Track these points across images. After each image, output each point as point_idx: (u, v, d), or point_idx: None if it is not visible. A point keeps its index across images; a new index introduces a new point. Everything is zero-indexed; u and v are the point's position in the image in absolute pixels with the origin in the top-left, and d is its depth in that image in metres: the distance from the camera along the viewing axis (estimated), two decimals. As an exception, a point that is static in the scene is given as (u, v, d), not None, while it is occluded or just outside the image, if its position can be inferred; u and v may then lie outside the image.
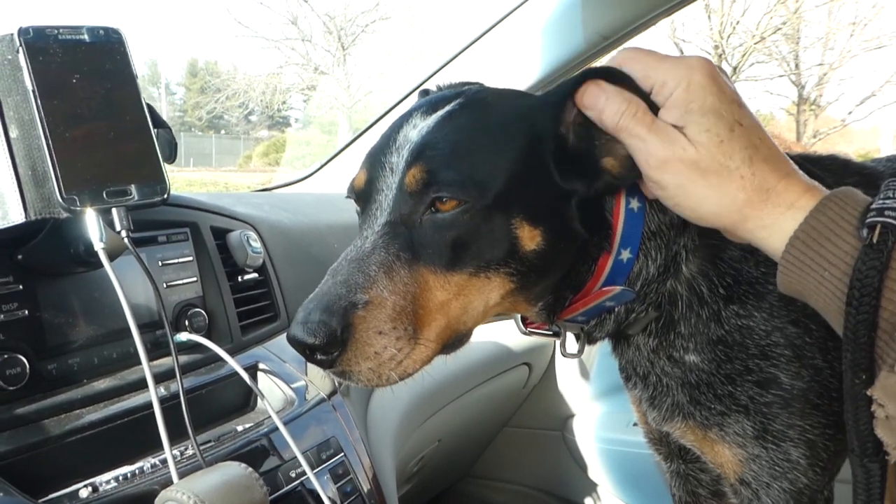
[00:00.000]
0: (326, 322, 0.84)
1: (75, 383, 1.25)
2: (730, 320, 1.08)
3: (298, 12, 27.48)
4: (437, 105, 1.00)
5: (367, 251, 0.90)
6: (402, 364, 0.89)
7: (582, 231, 0.98)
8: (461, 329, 0.96)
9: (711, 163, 0.86)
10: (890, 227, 0.78)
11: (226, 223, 1.64)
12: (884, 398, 0.77)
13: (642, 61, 0.92)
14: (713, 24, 23.28)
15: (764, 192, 0.86)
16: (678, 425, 1.17)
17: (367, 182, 0.99)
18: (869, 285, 0.77)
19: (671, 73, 0.89)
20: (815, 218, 0.83)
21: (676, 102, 0.88)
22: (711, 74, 0.88)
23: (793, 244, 0.84)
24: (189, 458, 1.23)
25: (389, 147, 0.97)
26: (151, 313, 1.39)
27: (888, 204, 0.79)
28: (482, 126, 0.96)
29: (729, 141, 0.86)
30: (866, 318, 0.78)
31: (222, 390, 1.46)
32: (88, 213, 1.06)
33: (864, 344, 0.79)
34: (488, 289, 0.94)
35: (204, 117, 30.56)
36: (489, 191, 0.91)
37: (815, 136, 23.49)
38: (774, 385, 1.07)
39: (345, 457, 1.47)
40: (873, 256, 0.77)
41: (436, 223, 0.91)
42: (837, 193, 0.84)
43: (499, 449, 3.07)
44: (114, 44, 1.15)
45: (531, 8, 2.38)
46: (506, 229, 0.92)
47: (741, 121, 0.88)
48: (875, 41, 22.99)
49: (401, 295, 0.88)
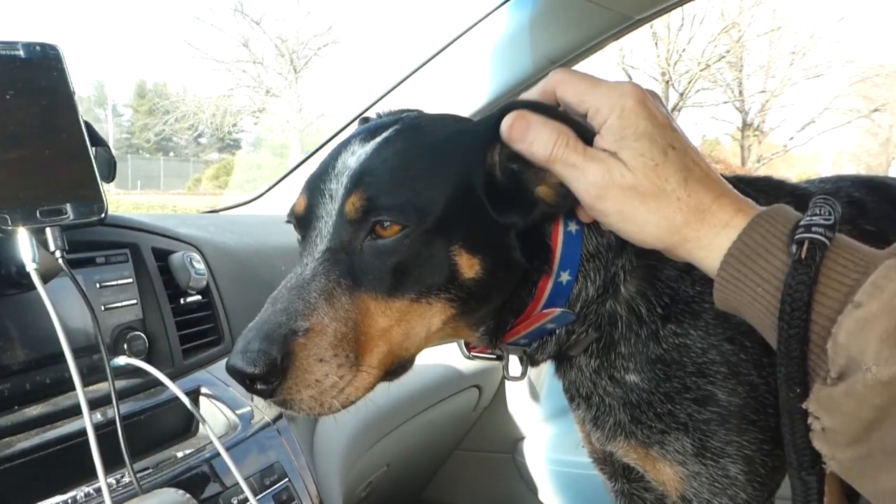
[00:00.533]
0: (266, 351, 0.83)
1: (6, 410, 1.20)
2: (667, 339, 1.10)
3: (250, 35, 27.45)
4: (376, 132, 1.00)
5: (308, 278, 0.90)
6: (345, 392, 0.88)
7: (522, 261, 0.99)
8: (403, 355, 0.96)
9: (649, 187, 0.87)
10: (818, 242, 0.79)
11: (168, 244, 1.61)
12: (819, 411, 0.78)
13: (575, 85, 0.93)
14: (660, 52, 23.93)
15: (700, 213, 0.87)
16: (621, 444, 1.18)
17: (306, 208, 0.98)
18: (799, 300, 0.79)
19: (605, 100, 0.90)
20: (748, 235, 0.84)
21: (611, 129, 0.89)
22: (643, 100, 0.90)
23: (727, 261, 0.85)
24: (125, 486, 1.19)
25: (328, 174, 0.97)
26: (88, 337, 1.34)
27: (815, 221, 0.81)
28: (418, 152, 0.96)
29: (663, 164, 0.87)
30: (798, 333, 0.79)
31: (162, 416, 1.41)
32: (21, 232, 1.03)
33: (797, 358, 0.80)
34: (430, 314, 0.94)
35: (152, 139, 30.16)
36: (429, 216, 0.91)
37: (759, 161, 24.19)
38: (712, 402, 1.08)
39: (289, 482, 1.44)
40: (802, 272, 0.79)
41: (376, 249, 0.91)
42: (769, 211, 0.86)
43: (449, 473, 3.04)
44: (51, 60, 1.13)
45: (480, 32, 2.41)
46: (445, 256, 0.92)
47: (674, 144, 0.89)
48: (814, 70, 23.88)
49: (342, 321, 0.88)
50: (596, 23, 2.27)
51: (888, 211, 1.28)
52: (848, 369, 0.75)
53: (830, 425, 0.77)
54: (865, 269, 0.78)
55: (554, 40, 2.31)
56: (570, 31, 2.30)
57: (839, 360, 0.75)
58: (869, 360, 0.72)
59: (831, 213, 0.82)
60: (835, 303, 0.78)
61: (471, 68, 2.45)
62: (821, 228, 0.80)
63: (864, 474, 0.79)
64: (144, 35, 50.96)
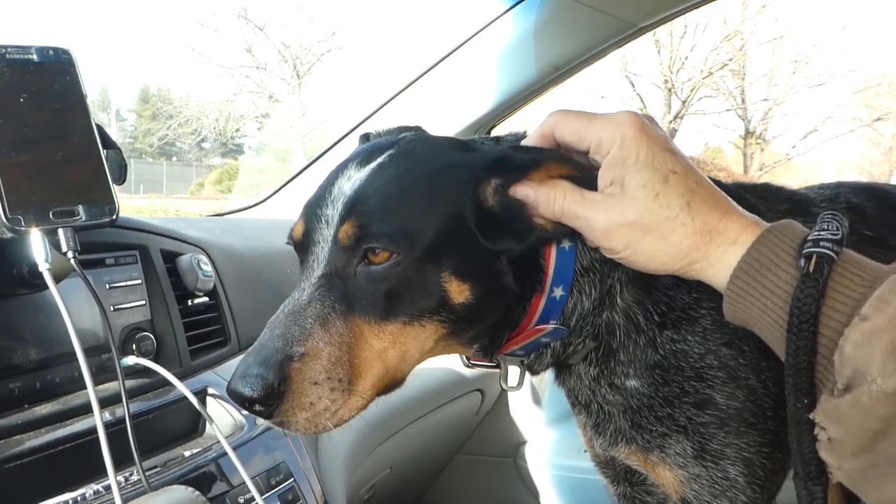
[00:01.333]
0: (263, 376, 0.87)
1: (16, 408, 1.21)
2: (665, 345, 1.11)
3: (253, 40, 27.45)
4: (372, 156, 1.02)
5: (304, 304, 0.93)
6: (337, 414, 0.92)
7: (514, 286, 1.01)
8: (398, 375, 0.99)
9: (652, 218, 0.89)
10: (825, 257, 0.81)
11: (176, 246, 1.62)
12: (825, 421, 0.80)
13: (572, 124, 0.96)
14: (663, 59, 23.92)
15: (707, 234, 0.89)
16: (622, 449, 1.20)
17: (304, 233, 1.01)
18: (807, 312, 0.80)
19: (604, 133, 0.92)
20: (757, 250, 0.86)
21: (614, 160, 0.91)
22: (641, 128, 0.92)
23: (736, 275, 0.87)
24: (134, 483, 1.21)
25: (325, 199, 1.00)
26: (97, 337, 1.36)
27: (823, 235, 0.83)
28: (411, 180, 0.98)
29: (664, 192, 0.89)
30: (806, 345, 0.81)
31: (170, 415, 1.43)
32: (34, 233, 1.04)
33: (804, 369, 0.82)
34: (423, 336, 0.97)
35: (155, 144, 30.16)
36: (419, 243, 0.93)
37: (762, 169, 24.16)
38: (710, 406, 1.10)
39: (294, 482, 1.45)
40: (810, 285, 0.81)
41: (369, 275, 0.94)
42: (777, 226, 0.88)
43: (451, 477, 3.05)
44: (63, 64, 1.15)
45: (485, 39, 2.43)
46: (435, 282, 0.95)
47: (674, 168, 0.91)
48: (816, 78, 23.87)
49: (336, 346, 0.91)
50: (600, 30, 2.29)
51: (887, 216, 1.30)
52: (854, 381, 0.76)
53: (837, 436, 0.79)
54: (872, 283, 0.80)
55: (558, 47, 2.33)
56: (575, 38, 2.32)
57: (845, 372, 0.77)
58: (874, 372, 0.74)
59: (839, 229, 0.84)
60: (842, 316, 0.80)
61: (476, 75, 2.47)
62: (828, 243, 0.82)
63: (870, 484, 0.80)
64: (148, 40, 51.14)
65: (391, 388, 1.00)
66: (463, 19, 2.54)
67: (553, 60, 2.36)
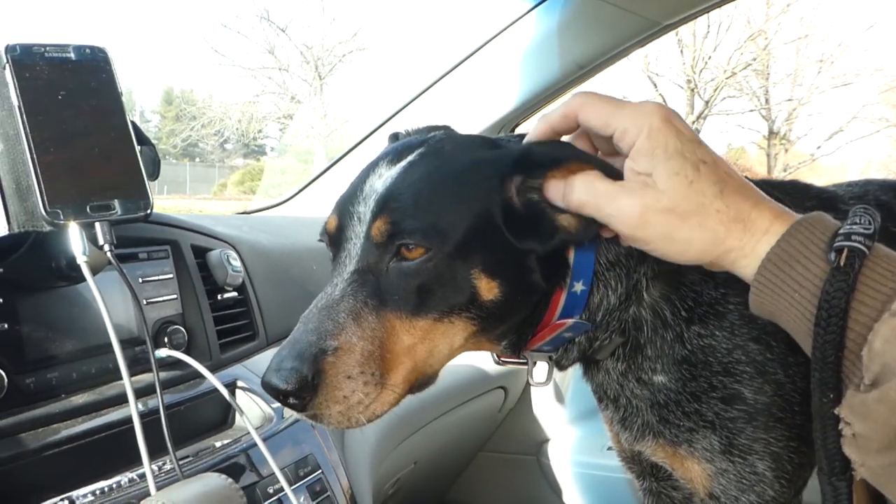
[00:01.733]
0: (298, 369, 0.88)
1: (53, 398, 1.24)
2: (692, 340, 1.11)
3: (276, 42, 27.70)
4: (402, 154, 1.03)
5: (337, 299, 0.94)
6: (370, 407, 0.93)
7: (542, 283, 1.01)
8: (428, 371, 1.00)
9: (688, 204, 0.88)
10: (857, 251, 0.80)
11: (206, 242, 1.65)
12: (851, 416, 0.79)
13: (599, 109, 0.94)
14: (686, 59, 23.73)
15: (741, 222, 0.88)
16: (649, 444, 1.20)
17: (337, 229, 1.02)
18: (836, 306, 0.79)
19: (631, 121, 0.91)
20: (787, 241, 0.85)
21: (642, 150, 0.90)
22: (668, 118, 0.91)
23: (765, 266, 0.86)
24: (167, 472, 1.23)
25: (357, 196, 1.01)
26: (131, 329, 1.39)
27: (855, 229, 0.82)
28: (441, 177, 0.99)
29: (698, 180, 0.88)
30: (834, 339, 0.80)
31: (201, 407, 1.46)
32: (72, 226, 1.06)
33: (831, 364, 0.81)
34: (452, 332, 0.98)
35: (179, 145, 30.44)
36: (450, 239, 0.94)
37: (786, 170, 23.90)
38: (738, 400, 1.10)
39: (322, 474, 1.47)
40: (840, 279, 0.80)
41: (401, 271, 0.94)
42: (808, 218, 0.87)
43: (474, 473, 3.06)
44: (99, 62, 1.17)
45: (508, 37, 2.44)
46: (466, 278, 0.95)
47: (704, 158, 0.90)
48: (841, 78, 23.57)
49: (369, 340, 0.92)
50: (624, 28, 2.29)
51: None
52: (882, 376, 0.75)
53: (862, 431, 0.78)
54: None
55: (582, 45, 2.33)
56: (598, 37, 2.32)
57: (874, 367, 0.76)
58: None
59: (871, 223, 0.83)
60: (872, 311, 0.79)
61: (499, 74, 2.48)
62: (860, 237, 0.81)
63: (894, 481, 0.79)
64: (172, 42, 51.61)
65: (423, 385, 1.01)
66: (486, 19, 2.55)
67: (577, 59, 2.36)
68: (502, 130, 2.66)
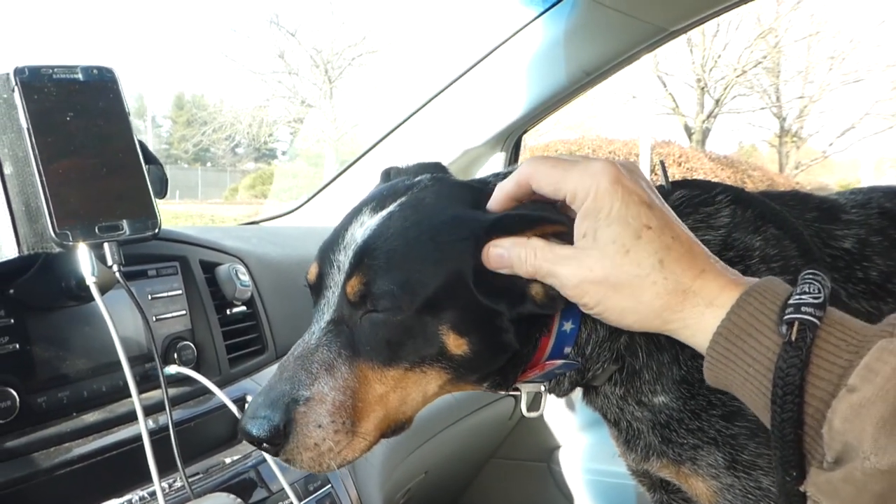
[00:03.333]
0: (270, 418, 0.93)
1: (65, 416, 1.25)
2: (687, 362, 1.11)
3: (285, 46, 27.72)
4: (385, 201, 1.05)
5: (312, 348, 0.98)
6: (341, 454, 0.96)
7: (513, 344, 1.02)
8: (401, 418, 1.02)
9: (620, 275, 0.86)
10: (808, 323, 0.77)
11: (214, 257, 1.66)
12: (818, 495, 0.76)
13: (547, 175, 0.93)
14: (695, 58, 23.70)
15: (680, 294, 0.86)
16: (654, 464, 1.20)
17: (318, 276, 1.05)
18: (791, 383, 0.77)
19: (580, 182, 0.89)
20: (736, 314, 0.82)
21: (587, 213, 0.88)
22: (617, 178, 0.88)
23: (716, 341, 0.83)
24: (178, 490, 1.24)
25: (338, 244, 1.03)
26: (140, 346, 1.40)
27: (804, 299, 0.79)
28: (416, 234, 1.00)
29: (635, 249, 0.86)
30: (791, 417, 0.77)
31: (210, 423, 1.46)
32: (81, 247, 1.07)
33: (791, 441, 0.78)
34: (425, 381, 1.00)
35: (190, 150, 30.59)
36: (418, 298, 0.96)
37: (798, 168, 23.81)
38: (739, 417, 1.09)
39: (332, 488, 1.48)
40: (793, 354, 0.77)
41: (373, 322, 0.97)
42: (756, 287, 0.84)
43: (485, 481, 3.06)
44: (107, 82, 1.18)
45: (515, 45, 2.44)
46: (434, 333, 0.97)
47: (650, 223, 0.87)
48: (853, 74, 23.46)
49: (340, 391, 0.96)
50: (630, 35, 2.28)
51: None
52: (845, 454, 0.73)
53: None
54: (858, 348, 0.76)
55: (588, 52, 2.33)
56: (605, 44, 2.32)
57: (835, 446, 0.73)
58: (867, 449, 0.70)
59: (820, 291, 0.80)
60: (828, 385, 0.76)
61: (506, 81, 2.48)
62: (810, 308, 0.78)
63: None
64: (182, 47, 51.81)
65: (397, 431, 1.04)
66: (493, 26, 2.55)
67: (583, 66, 2.36)
68: (509, 137, 2.66)
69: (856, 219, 1.21)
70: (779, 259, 1.11)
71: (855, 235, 1.18)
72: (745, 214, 1.15)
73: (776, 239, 1.13)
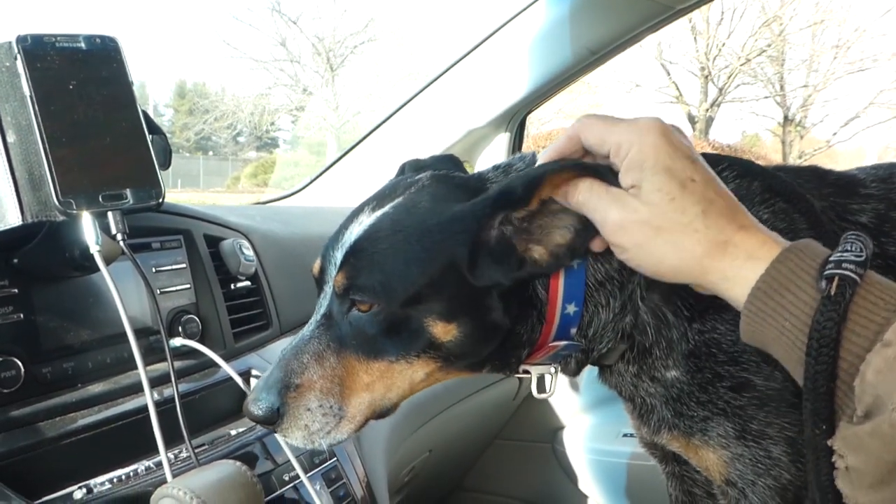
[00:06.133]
0: (267, 400, 1.03)
1: (70, 387, 1.25)
2: (694, 337, 1.11)
3: (287, 34, 27.70)
4: (384, 200, 1.09)
5: (306, 339, 1.06)
6: (331, 434, 1.05)
7: (504, 322, 1.05)
8: (386, 404, 1.08)
9: (664, 220, 0.88)
10: (847, 279, 0.78)
11: (219, 231, 1.65)
12: (844, 449, 0.77)
13: (596, 128, 0.95)
14: (699, 46, 23.59)
15: (721, 245, 0.87)
16: (665, 436, 1.21)
17: (320, 271, 1.12)
18: (827, 336, 0.77)
19: (625, 136, 0.91)
20: (776, 269, 0.83)
21: (631, 164, 0.90)
22: (663, 133, 0.90)
23: (754, 294, 0.84)
24: (183, 460, 1.24)
25: (338, 241, 1.09)
26: (145, 319, 1.40)
27: (846, 257, 0.80)
28: (405, 237, 1.03)
29: (681, 197, 0.88)
30: (825, 369, 0.78)
31: (215, 395, 1.46)
32: (84, 216, 1.07)
33: (823, 394, 0.79)
34: (411, 371, 1.05)
35: (192, 138, 30.53)
36: (398, 295, 1.01)
37: (801, 157, 23.71)
38: (748, 388, 1.10)
39: (337, 461, 1.48)
40: (831, 308, 0.78)
41: (357, 319, 1.04)
42: (798, 245, 0.85)
43: (489, 461, 3.07)
44: (110, 52, 1.17)
45: (520, 23, 2.42)
46: (420, 326, 1.02)
47: (694, 177, 0.89)
48: (858, 63, 23.31)
49: (328, 379, 1.04)
50: (636, 13, 2.27)
51: None
52: (875, 408, 0.73)
53: (855, 465, 0.76)
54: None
55: (594, 31, 2.32)
56: (611, 22, 2.31)
57: (866, 399, 0.74)
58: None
59: (863, 250, 0.81)
60: (864, 340, 0.77)
61: (511, 60, 2.47)
62: (851, 265, 0.79)
63: None
64: (184, 36, 51.74)
65: (384, 414, 1.10)
66: (498, 3, 2.54)
67: (589, 44, 2.35)
68: (514, 118, 2.65)
69: (876, 193, 1.20)
70: (787, 232, 1.10)
71: (873, 210, 1.17)
72: (751, 187, 1.15)
73: (784, 212, 1.13)
